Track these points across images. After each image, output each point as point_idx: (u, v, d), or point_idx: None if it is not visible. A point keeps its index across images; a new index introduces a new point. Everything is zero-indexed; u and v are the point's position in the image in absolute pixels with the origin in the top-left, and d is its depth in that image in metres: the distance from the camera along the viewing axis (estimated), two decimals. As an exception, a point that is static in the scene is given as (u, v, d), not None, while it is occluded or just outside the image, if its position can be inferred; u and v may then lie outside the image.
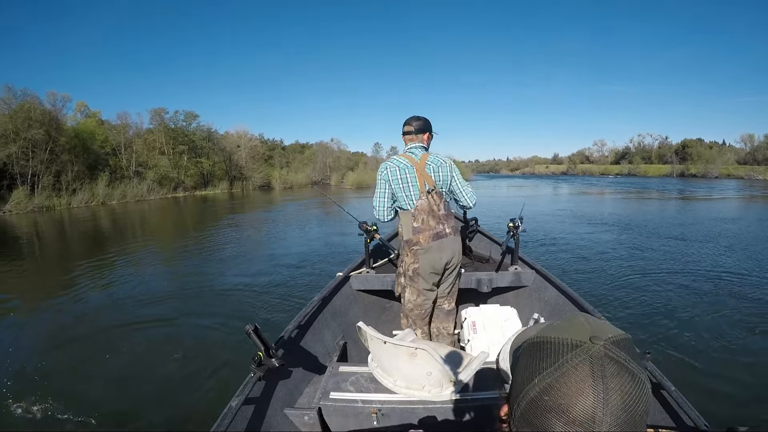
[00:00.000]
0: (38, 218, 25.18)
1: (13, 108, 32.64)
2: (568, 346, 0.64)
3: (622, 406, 0.60)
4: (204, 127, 52.52)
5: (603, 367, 0.61)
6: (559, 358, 0.64)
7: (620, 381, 0.61)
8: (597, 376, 0.61)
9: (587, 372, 0.61)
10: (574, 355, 0.63)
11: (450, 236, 3.20)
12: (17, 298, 8.46)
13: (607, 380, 0.61)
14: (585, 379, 0.61)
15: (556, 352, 0.65)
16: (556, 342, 0.66)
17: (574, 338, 0.65)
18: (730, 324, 5.54)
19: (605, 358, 0.62)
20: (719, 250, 10.00)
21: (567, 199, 29.84)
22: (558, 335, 0.67)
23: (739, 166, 70.87)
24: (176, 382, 4.62)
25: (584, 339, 0.64)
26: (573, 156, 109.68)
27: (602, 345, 0.63)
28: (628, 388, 0.61)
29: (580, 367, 0.62)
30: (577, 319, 0.70)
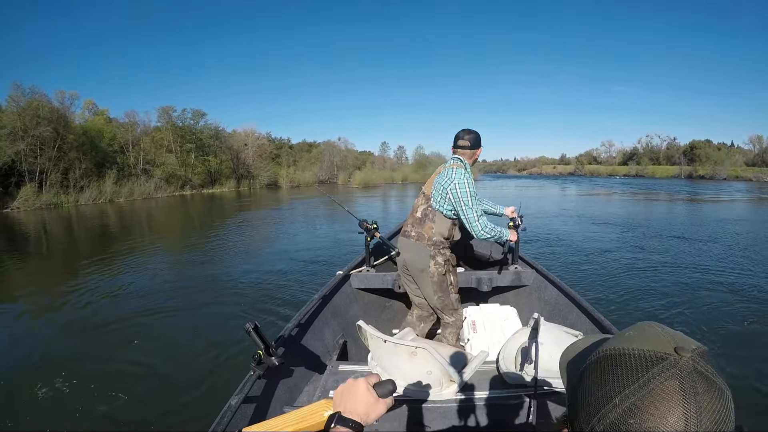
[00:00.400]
0: (46, 215, 25.31)
1: (21, 106, 32.77)
2: (652, 360, 0.58)
3: (713, 426, 0.55)
4: (212, 125, 52.51)
5: (694, 383, 0.56)
6: (644, 374, 0.57)
7: (710, 398, 0.55)
8: (688, 394, 0.55)
9: (677, 389, 0.55)
10: (660, 369, 0.57)
11: (410, 239, 3.33)
12: (26, 294, 8.54)
13: (699, 398, 0.55)
14: (675, 397, 0.55)
15: (638, 367, 0.58)
16: (636, 355, 0.59)
17: (657, 350, 0.59)
18: (732, 323, 5.56)
19: (694, 372, 0.56)
20: (724, 253, 9.96)
21: (573, 199, 29.76)
22: (636, 346, 0.60)
23: (748, 168, 70.37)
24: (176, 380, 4.64)
25: (668, 351, 0.58)
26: (581, 156, 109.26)
27: (690, 357, 0.57)
28: (718, 406, 0.56)
29: (669, 383, 0.56)
30: (652, 329, 0.63)
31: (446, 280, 3.31)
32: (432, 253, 3.24)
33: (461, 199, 3.09)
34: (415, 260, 3.30)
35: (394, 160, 77.87)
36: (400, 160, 79.59)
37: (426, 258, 3.25)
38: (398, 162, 77.76)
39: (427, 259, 3.24)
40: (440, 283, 3.29)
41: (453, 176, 3.13)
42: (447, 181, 3.14)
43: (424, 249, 3.25)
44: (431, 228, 3.24)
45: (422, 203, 3.33)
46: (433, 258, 3.25)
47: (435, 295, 3.31)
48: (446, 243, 3.29)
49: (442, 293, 3.31)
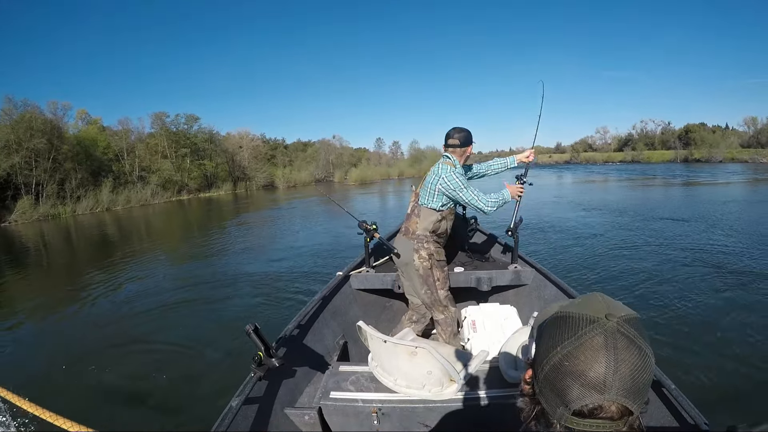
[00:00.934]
0: (44, 227, 25.30)
1: (14, 119, 32.75)
2: (587, 321, 0.75)
3: (630, 374, 0.71)
4: (205, 129, 52.49)
5: (615, 341, 0.72)
6: (578, 331, 0.75)
7: (629, 353, 0.72)
8: (609, 348, 0.72)
9: (601, 343, 0.72)
10: (591, 328, 0.74)
11: (400, 234, 3.49)
12: (27, 305, 8.56)
13: (618, 351, 0.72)
14: (599, 350, 0.72)
15: (576, 325, 0.76)
16: (576, 317, 0.77)
17: (592, 314, 0.76)
18: (734, 322, 5.52)
19: (617, 333, 0.73)
20: (723, 244, 9.84)
21: (569, 189, 29.65)
22: (578, 311, 0.78)
23: (743, 150, 70.12)
24: (177, 382, 4.69)
25: (600, 315, 0.75)
26: (576, 144, 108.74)
27: (615, 321, 0.74)
28: (635, 360, 0.72)
29: (596, 339, 0.73)
30: (595, 298, 0.81)
31: (432, 274, 3.36)
32: (416, 247, 3.33)
33: (455, 189, 3.20)
34: (402, 254, 3.42)
35: (390, 155, 77.72)
36: (396, 155, 79.42)
37: (410, 251, 3.35)
38: (394, 157, 77.57)
39: (411, 253, 3.34)
40: (426, 278, 3.35)
41: (440, 172, 3.24)
42: (435, 178, 3.25)
43: (408, 243, 3.37)
44: (416, 222, 3.36)
45: (412, 200, 3.49)
46: (417, 252, 3.33)
47: (421, 289, 3.39)
48: (431, 237, 3.36)
49: (428, 287, 3.37)
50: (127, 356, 5.48)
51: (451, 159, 3.33)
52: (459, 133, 3.37)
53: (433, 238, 3.38)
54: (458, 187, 3.19)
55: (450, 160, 3.32)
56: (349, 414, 2.30)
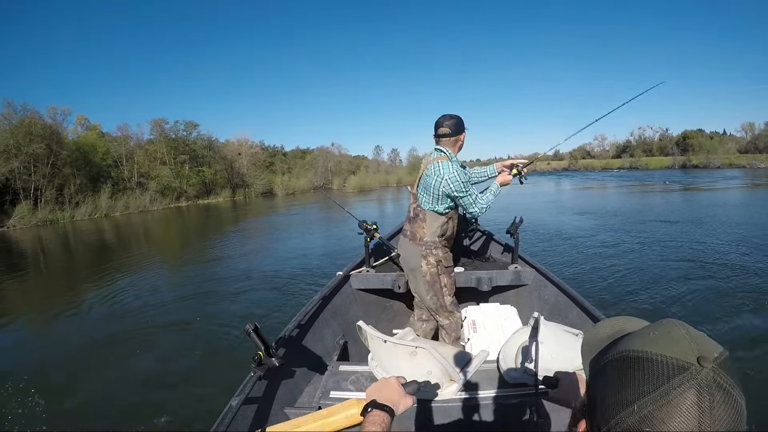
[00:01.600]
0: (42, 232, 25.28)
1: (13, 123, 32.79)
2: (674, 369, 0.58)
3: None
4: (204, 136, 52.47)
5: (712, 396, 0.56)
6: (664, 383, 0.58)
7: (726, 410, 0.56)
8: (704, 407, 0.56)
9: (694, 401, 0.56)
10: (681, 380, 0.57)
11: (406, 238, 3.36)
12: (24, 310, 8.58)
13: (714, 411, 0.56)
14: (691, 410, 0.56)
15: (659, 374, 0.58)
16: (658, 361, 0.59)
17: (679, 358, 0.59)
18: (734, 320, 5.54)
19: (714, 384, 0.57)
20: (722, 244, 9.95)
21: (568, 195, 29.75)
22: (659, 352, 0.60)
23: (741, 155, 70.47)
24: (177, 382, 4.70)
25: (691, 360, 0.58)
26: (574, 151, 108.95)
27: (711, 369, 0.57)
28: (734, 417, 0.57)
29: (687, 394, 0.56)
30: (676, 330, 0.63)
31: (439, 281, 3.25)
32: (424, 253, 3.22)
33: (457, 192, 3.02)
34: (408, 259, 3.33)
35: (388, 163, 77.81)
36: (394, 162, 79.53)
37: (417, 257, 3.24)
38: (392, 165, 77.70)
39: (418, 259, 3.23)
40: (432, 284, 3.25)
41: (441, 172, 3.01)
42: (437, 180, 3.03)
43: (416, 248, 3.25)
44: (422, 228, 3.22)
45: (412, 202, 3.33)
46: (425, 258, 3.22)
47: (427, 295, 3.29)
48: (439, 242, 3.23)
49: (434, 293, 3.27)
50: (126, 357, 5.49)
51: (445, 152, 3.13)
52: (450, 120, 3.13)
53: (442, 243, 3.26)
54: (460, 191, 3.02)
55: (444, 153, 3.12)
56: None
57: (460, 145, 3.23)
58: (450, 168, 3.01)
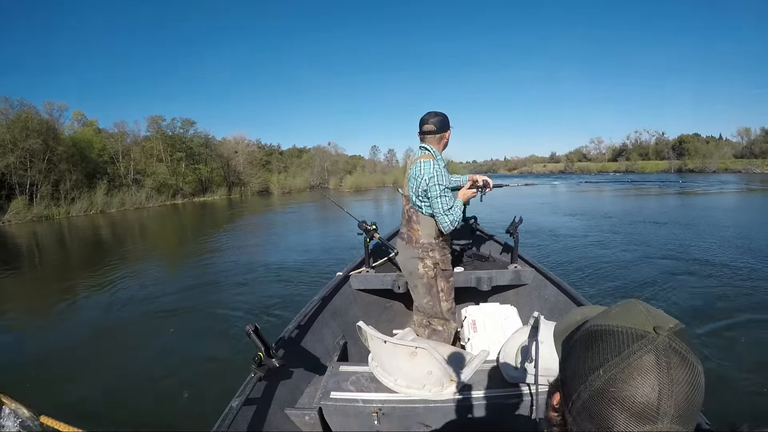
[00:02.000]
0: (38, 228, 25.19)
1: (10, 118, 32.74)
2: (633, 337, 0.64)
3: (685, 397, 0.61)
4: (201, 133, 52.51)
5: (668, 359, 0.62)
6: (624, 349, 0.63)
7: (683, 372, 0.62)
8: (662, 368, 0.61)
9: (653, 363, 0.61)
10: (639, 345, 0.63)
11: (402, 240, 3.27)
12: (18, 305, 8.56)
13: (672, 371, 0.61)
14: (651, 371, 0.61)
15: (620, 342, 0.64)
16: (618, 331, 0.65)
17: (637, 327, 0.65)
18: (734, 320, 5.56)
19: (669, 348, 0.62)
20: (719, 244, 10.02)
21: (564, 197, 29.81)
22: (619, 323, 0.66)
23: (737, 160, 70.81)
24: (177, 383, 4.66)
25: (648, 329, 0.64)
26: (570, 154, 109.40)
27: (666, 335, 0.63)
28: (690, 378, 0.62)
29: (646, 357, 0.62)
30: (634, 308, 0.69)
31: (436, 285, 3.19)
32: (420, 256, 3.15)
33: (430, 193, 2.93)
34: (405, 262, 3.26)
35: (385, 163, 78.00)
36: (391, 163, 79.72)
37: (414, 260, 3.17)
38: (389, 165, 77.87)
39: (415, 261, 3.17)
40: (428, 287, 3.19)
41: (422, 172, 2.95)
42: (419, 180, 2.97)
43: (412, 251, 3.18)
44: (417, 230, 3.15)
45: (405, 204, 3.24)
46: (422, 260, 3.15)
47: (423, 299, 3.22)
48: (435, 245, 3.15)
49: (430, 297, 3.20)
50: (126, 357, 5.46)
51: (430, 150, 3.05)
52: (435, 117, 3.05)
53: (439, 245, 3.17)
54: (435, 192, 2.92)
55: (429, 152, 3.05)
56: (349, 414, 2.29)
57: (445, 143, 3.17)
58: (431, 167, 2.94)
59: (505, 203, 18.82)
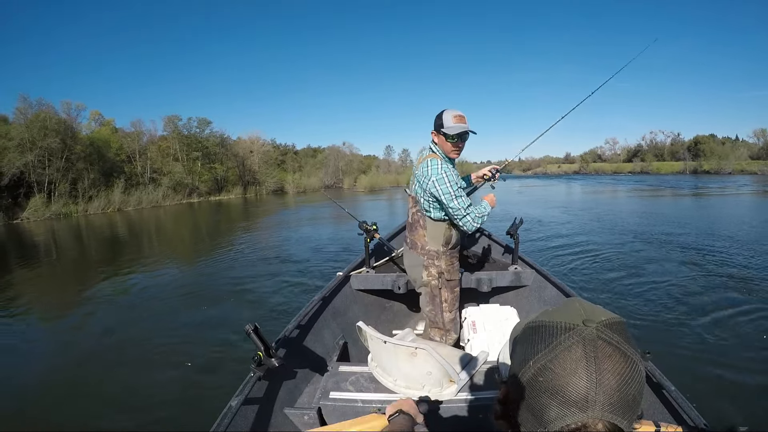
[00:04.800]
0: (55, 225, 25.56)
1: (29, 118, 33.21)
2: (562, 329, 0.66)
3: (616, 386, 0.61)
4: (217, 133, 52.87)
5: (596, 349, 0.62)
6: (553, 341, 0.65)
7: (613, 362, 0.62)
8: (590, 358, 0.62)
9: (580, 353, 0.62)
10: (567, 337, 0.64)
11: (407, 246, 3.19)
12: (34, 302, 8.67)
13: (599, 361, 0.62)
14: (578, 361, 0.62)
15: (550, 335, 0.66)
16: (550, 325, 0.67)
17: (567, 321, 0.66)
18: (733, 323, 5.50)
19: (598, 339, 0.63)
20: (725, 247, 9.85)
21: (576, 198, 29.61)
22: (552, 319, 0.68)
23: (753, 162, 69.42)
24: (176, 382, 4.70)
25: (577, 322, 0.66)
26: (585, 155, 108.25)
27: (594, 327, 0.64)
28: (621, 369, 0.62)
29: (573, 348, 0.63)
30: (572, 304, 0.71)
31: (439, 295, 3.06)
32: (425, 263, 3.02)
33: (443, 196, 2.73)
34: (411, 269, 3.15)
35: (399, 163, 77.73)
36: (405, 163, 79.37)
37: (419, 268, 3.05)
38: (403, 165, 77.56)
39: (420, 269, 3.05)
40: (432, 297, 3.07)
41: (429, 172, 2.77)
42: (425, 180, 2.79)
43: (417, 258, 3.05)
44: (423, 236, 3.00)
45: (411, 206, 3.06)
46: (426, 269, 3.02)
47: (426, 307, 3.13)
48: (441, 252, 3.00)
49: (433, 307, 3.09)
50: (127, 356, 5.51)
51: (434, 150, 2.90)
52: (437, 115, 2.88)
53: (446, 253, 3.01)
54: (447, 194, 2.72)
55: (433, 151, 2.90)
56: (348, 414, 2.26)
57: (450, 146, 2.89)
58: (438, 167, 2.76)
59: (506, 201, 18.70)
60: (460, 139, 2.84)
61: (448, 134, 2.79)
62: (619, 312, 4.64)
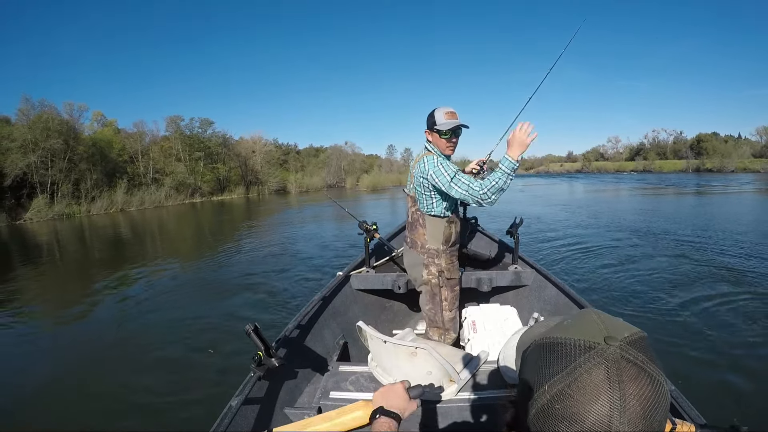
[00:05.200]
0: (58, 226, 25.59)
1: (31, 119, 33.25)
2: (581, 348, 0.60)
3: (641, 412, 0.56)
4: (219, 133, 52.99)
5: (620, 371, 0.57)
6: (572, 362, 0.59)
7: (638, 385, 0.57)
8: (613, 381, 0.56)
9: (602, 377, 0.57)
10: (587, 358, 0.58)
11: (407, 245, 3.20)
12: (36, 302, 8.71)
13: (624, 385, 0.56)
14: (600, 385, 0.57)
15: (567, 355, 0.60)
16: (567, 343, 0.61)
17: (587, 339, 0.60)
18: (734, 322, 5.49)
19: (622, 360, 0.58)
20: (725, 247, 9.81)
21: (578, 197, 29.54)
22: (569, 336, 0.62)
23: (756, 160, 69.30)
24: (176, 382, 4.69)
25: (598, 340, 0.60)
26: (587, 153, 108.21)
27: (618, 346, 0.59)
28: (647, 393, 0.57)
29: (595, 371, 0.57)
30: (589, 317, 0.65)
31: (439, 293, 3.06)
32: (426, 262, 3.03)
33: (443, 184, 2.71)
34: (411, 268, 3.15)
35: (401, 162, 77.73)
36: (407, 162, 79.21)
37: (419, 266, 3.06)
38: (405, 164, 77.48)
39: (420, 268, 3.06)
40: (432, 295, 3.07)
41: (426, 168, 2.77)
42: (423, 177, 2.81)
43: (417, 257, 3.06)
44: (423, 234, 3.01)
45: (410, 206, 3.07)
46: (427, 267, 3.04)
47: (426, 306, 3.12)
48: (442, 250, 3.02)
49: (432, 306, 3.09)
50: (127, 355, 5.51)
51: (429, 148, 2.91)
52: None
53: (446, 251, 3.04)
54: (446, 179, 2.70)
55: (428, 149, 2.91)
56: None
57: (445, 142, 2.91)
58: (434, 161, 2.76)
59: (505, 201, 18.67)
60: (453, 135, 2.87)
61: (441, 131, 2.81)
62: (619, 311, 4.67)
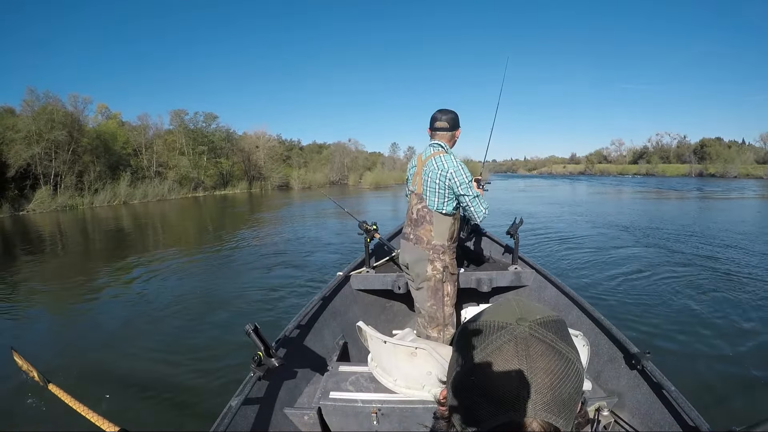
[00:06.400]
0: (61, 217, 25.67)
1: (35, 110, 33.34)
2: (494, 328, 0.65)
3: (549, 385, 0.60)
4: (223, 128, 52.92)
5: (527, 347, 0.62)
6: (485, 340, 0.64)
7: (546, 361, 0.61)
8: (521, 356, 0.61)
9: (511, 352, 0.61)
10: (499, 335, 0.63)
11: (410, 242, 3.18)
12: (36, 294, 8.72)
13: (531, 360, 0.61)
14: (509, 360, 0.61)
15: (483, 334, 0.65)
16: (483, 325, 0.67)
17: (501, 320, 0.65)
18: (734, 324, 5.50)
19: (531, 338, 0.62)
20: (726, 249, 9.87)
21: (580, 198, 29.43)
22: (486, 318, 0.68)
23: (759, 166, 69.10)
24: (176, 381, 4.65)
25: (510, 320, 0.65)
26: (590, 156, 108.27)
27: (528, 326, 0.63)
28: (555, 368, 0.61)
29: (505, 347, 0.62)
30: (508, 303, 0.70)
31: (442, 289, 3.10)
32: (431, 258, 3.05)
33: (460, 188, 2.88)
34: (414, 264, 3.13)
35: (404, 160, 77.69)
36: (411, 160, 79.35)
37: (424, 262, 3.07)
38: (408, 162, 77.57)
39: (425, 264, 3.07)
40: (434, 291, 3.10)
41: (445, 165, 2.89)
42: (441, 174, 2.90)
43: (422, 253, 3.07)
44: (429, 230, 3.04)
45: (416, 203, 3.12)
46: (432, 263, 3.05)
47: (427, 302, 3.14)
48: (447, 246, 3.07)
49: (435, 302, 3.12)
50: (125, 352, 5.47)
51: (443, 147, 3.02)
52: (447, 115, 3.05)
53: (450, 248, 3.10)
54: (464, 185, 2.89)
55: (442, 148, 3.01)
56: (348, 414, 2.29)
57: (454, 142, 3.15)
58: (453, 161, 2.91)
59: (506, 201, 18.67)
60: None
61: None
62: (619, 311, 4.68)
